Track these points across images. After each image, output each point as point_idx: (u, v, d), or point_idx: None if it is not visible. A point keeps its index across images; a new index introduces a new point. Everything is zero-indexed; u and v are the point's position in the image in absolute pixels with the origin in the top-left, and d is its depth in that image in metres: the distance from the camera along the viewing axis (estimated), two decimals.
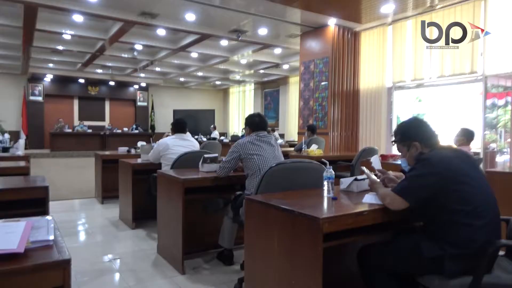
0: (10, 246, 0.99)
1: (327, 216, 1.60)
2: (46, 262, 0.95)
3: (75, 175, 8.74)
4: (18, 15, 7.55)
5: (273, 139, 2.94)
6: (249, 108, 17.17)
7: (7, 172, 3.10)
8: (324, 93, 7.51)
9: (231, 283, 2.71)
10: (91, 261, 3.22)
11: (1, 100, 14.51)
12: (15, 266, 0.91)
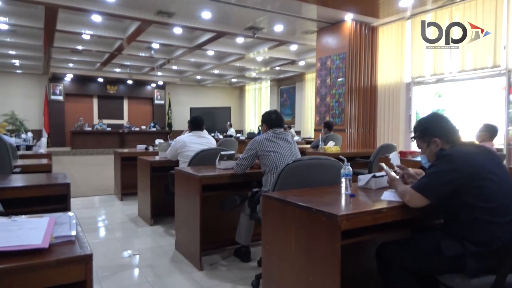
0: (35, 241, 1.01)
1: (345, 213, 1.59)
2: (69, 257, 0.97)
3: (95, 172, 8.91)
4: (39, 17, 7.74)
5: (290, 136, 2.93)
6: (265, 105, 17.16)
7: (30, 170, 3.19)
8: (341, 89, 7.43)
9: (248, 279, 2.72)
10: (111, 256, 3.28)
11: (24, 100, 14.93)
12: (39, 260, 0.94)
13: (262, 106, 17.45)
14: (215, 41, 9.53)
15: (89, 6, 6.94)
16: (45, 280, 0.95)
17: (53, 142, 14.42)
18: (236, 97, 19.67)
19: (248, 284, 2.67)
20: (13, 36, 9.68)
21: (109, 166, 7.39)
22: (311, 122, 12.99)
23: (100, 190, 6.37)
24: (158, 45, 10.39)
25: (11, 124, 13.42)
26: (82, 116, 15.17)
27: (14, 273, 0.91)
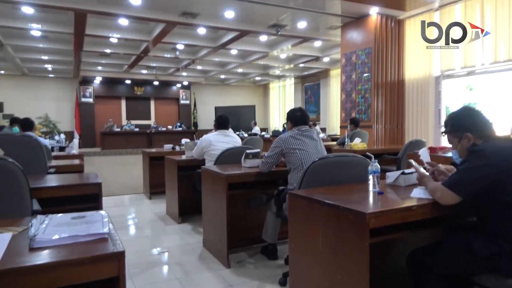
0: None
1: (373, 211, 1.56)
2: (102, 254, 1.01)
3: (124, 172, 9.15)
4: (69, 22, 8.02)
5: (315, 133, 2.90)
6: (290, 103, 17.08)
7: (64, 170, 3.32)
8: (367, 84, 7.29)
9: (275, 277, 2.73)
10: (141, 253, 3.37)
11: (57, 103, 15.52)
12: (75, 257, 0.98)
13: (287, 103, 17.38)
14: (238, 40, 9.56)
15: (116, 10, 7.13)
16: (81, 275, 0.99)
17: (84, 143, 14.92)
18: (260, 95, 19.68)
19: (275, 282, 2.68)
20: (45, 42, 10.09)
21: (138, 166, 7.57)
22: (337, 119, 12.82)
23: (129, 189, 6.54)
24: (182, 46, 10.55)
25: (45, 127, 14.00)
26: (111, 117, 15.61)
27: (52, 269, 0.95)
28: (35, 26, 8.31)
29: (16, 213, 1.57)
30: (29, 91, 15.13)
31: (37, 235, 1.06)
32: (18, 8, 7.33)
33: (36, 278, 0.94)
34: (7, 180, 1.58)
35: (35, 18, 8.11)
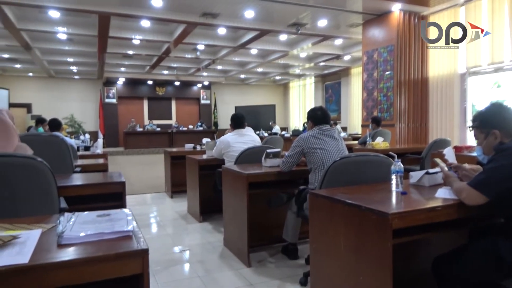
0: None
1: (396, 211, 1.53)
2: (127, 251, 1.03)
3: (147, 171, 9.31)
4: (94, 25, 8.23)
5: (336, 132, 2.88)
6: (310, 102, 16.97)
7: (89, 169, 3.40)
8: (389, 82, 7.16)
9: (296, 277, 2.72)
10: (163, 251, 3.42)
11: (82, 104, 15.96)
12: (101, 254, 1.00)
13: (307, 102, 17.27)
14: (258, 40, 9.58)
15: (138, 12, 7.27)
16: (106, 272, 1.01)
17: (108, 143, 15.28)
18: (280, 94, 19.64)
19: (296, 281, 2.67)
20: (71, 45, 10.39)
21: (160, 165, 7.69)
22: (358, 118, 12.65)
23: (151, 188, 6.66)
24: (203, 46, 10.65)
25: (71, 127, 14.43)
26: (134, 117, 15.93)
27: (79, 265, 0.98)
28: (61, 29, 8.58)
29: (45, 211, 1.62)
30: (55, 92, 15.63)
31: (64, 232, 1.10)
32: (45, 12, 7.58)
33: (64, 273, 0.97)
34: (37, 179, 1.64)
35: (61, 22, 8.37)
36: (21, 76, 15.12)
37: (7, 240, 1.04)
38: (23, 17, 7.99)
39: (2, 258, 0.95)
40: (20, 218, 1.39)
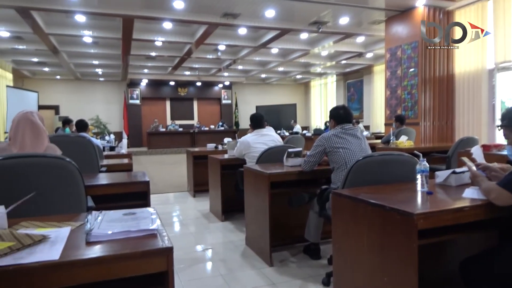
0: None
1: (422, 211, 1.50)
2: (152, 249, 1.05)
3: (169, 170, 9.45)
4: (118, 28, 8.42)
5: (359, 131, 2.84)
6: (332, 100, 16.80)
7: (114, 169, 3.49)
8: (414, 80, 7.01)
9: (318, 277, 2.70)
10: (185, 250, 3.47)
11: (106, 105, 16.37)
12: (127, 251, 1.03)
13: (328, 101, 17.11)
14: (279, 39, 9.56)
15: (161, 14, 7.39)
16: (132, 269, 1.04)
17: (132, 143, 15.59)
18: (301, 93, 19.54)
19: (318, 281, 2.65)
20: (96, 48, 10.68)
21: (182, 165, 7.80)
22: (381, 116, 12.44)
23: (174, 187, 6.75)
24: (224, 47, 10.72)
25: (96, 127, 14.81)
26: (156, 118, 16.21)
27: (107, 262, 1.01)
28: (87, 33, 8.83)
29: (73, 209, 1.68)
30: (81, 94, 16.09)
31: (92, 230, 1.13)
32: (72, 16, 7.82)
33: (93, 269, 1.00)
34: (66, 178, 1.69)
35: (86, 26, 8.61)
36: (50, 79, 15.65)
37: (38, 240, 1.09)
38: (51, 22, 8.27)
39: (35, 255, 0.99)
40: (50, 216, 1.44)
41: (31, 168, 1.65)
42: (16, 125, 1.99)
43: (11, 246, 1.02)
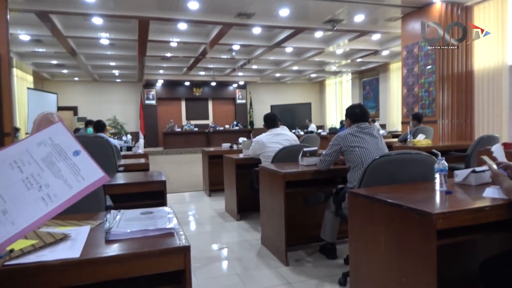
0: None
1: (441, 211, 1.47)
2: (170, 248, 1.07)
3: (185, 170, 9.53)
4: (134, 30, 8.54)
5: (376, 130, 2.81)
6: (347, 99, 16.65)
7: (132, 168, 3.54)
8: (431, 77, 6.88)
9: (334, 276, 2.69)
10: (201, 248, 3.49)
11: (123, 106, 16.62)
12: (146, 249, 1.05)
13: (344, 100, 16.96)
14: (293, 38, 9.53)
15: (176, 15, 7.46)
16: (150, 267, 1.06)
17: (148, 143, 15.80)
18: (316, 92, 19.42)
19: (334, 281, 2.63)
20: (113, 49, 10.85)
21: (198, 164, 7.86)
22: (398, 115, 12.27)
23: (190, 186, 6.81)
24: (238, 46, 10.74)
25: (114, 128, 15.05)
26: (172, 118, 16.38)
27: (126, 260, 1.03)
28: (103, 35, 8.98)
29: (93, 208, 1.71)
30: (99, 95, 16.38)
31: (112, 229, 1.15)
32: (89, 19, 7.97)
33: (112, 267, 1.02)
34: None
35: (103, 28, 8.76)
36: (68, 81, 15.99)
37: (59, 238, 1.11)
38: (69, 25, 8.44)
39: (57, 253, 1.01)
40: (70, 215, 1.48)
41: None
42: (37, 126, 2.05)
43: (34, 244, 1.05)
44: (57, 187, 0.91)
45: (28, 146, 0.96)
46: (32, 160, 0.94)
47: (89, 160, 0.97)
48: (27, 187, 0.90)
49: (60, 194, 0.90)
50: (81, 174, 0.95)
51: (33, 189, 0.90)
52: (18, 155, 0.93)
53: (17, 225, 0.85)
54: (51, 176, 0.92)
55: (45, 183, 0.91)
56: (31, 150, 0.95)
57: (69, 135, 0.99)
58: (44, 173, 0.92)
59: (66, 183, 0.92)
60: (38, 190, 0.90)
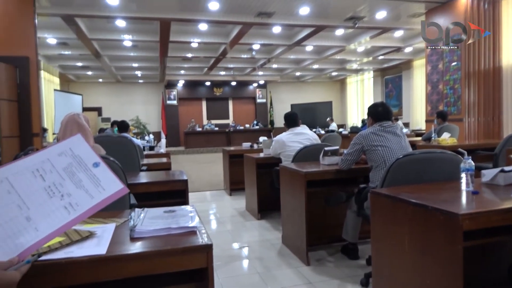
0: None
1: (467, 212, 1.43)
2: (193, 246, 1.08)
3: (206, 169, 9.62)
4: (155, 31, 8.68)
5: (399, 128, 2.75)
6: (369, 97, 16.39)
7: (154, 168, 3.61)
8: (456, 74, 6.70)
9: (356, 277, 2.66)
10: (222, 247, 3.52)
11: (145, 106, 16.92)
12: (169, 247, 1.07)
13: (365, 98, 16.71)
14: (314, 36, 9.45)
15: (196, 16, 7.54)
16: (174, 265, 1.07)
17: (170, 143, 16.01)
18: (337, 90, 19.22)
19: (356, 282, 2.60)
20: (135, 51, 11.07)
21: (218, 163, 7.91)
22: (421, 113, 11.99)
23: (211, 185, 6.87)
24: (258, 46, 10.75)
25: (137, 128, 15.35)
26: (193, 117, 16.56)
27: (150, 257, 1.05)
28: (126, 37, 9.17)
29: (118, 206, 1.75)
30: (122, 96, 16.73)
31: (136, 226, 1.18)
32: (113, 22, 8.15)
33: (137, 264, 1.04)
34: None
35: (126, 30, 8.94)
36: (93, 82, 16.41)
37: (85, 236, 1.14)
38: (93, 27, 8.66)
39: (84, 249, 1.05)
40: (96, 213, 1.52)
41: None
42: (65, 127, 2.11)
43: (61, 241, 1.08)
44: (78, 197, 0.94)
45: (49, 155, 0.98)
46: (54, 169, 0.96)
47: (108, 172, 0.99)
48: (49, 195, 0.93)
49: (82, 203, 0.93)
50: (102, 185, 0.97)
51: (55, 197, 0.93)
52: (40, 164, 0.96)
53: (40, 231, 0.88)
54: (72, 186, 0.95)
55: (67, 192, 0.94)
56: (53, 159, 0.98)
57: (88, 147, 1.01)
58: (65, 182, 0.95)
59: (87, 193, 0.95)
60: (60, 198, 0.93)
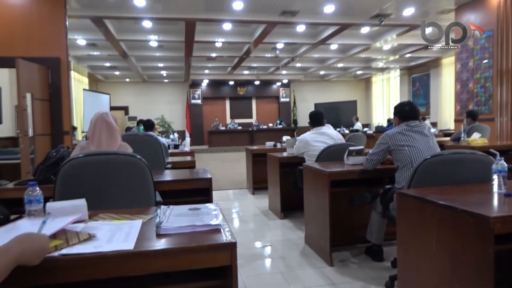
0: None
1: (500, 215, 1.38)
2: (217, 243, 1.09)
3: (229, 168, 9.68)
4: (181, 31, 8.80)
5: (426, 128, 2.68)
6: (395, 96, 16.04)
7: (179, 166, 3.66)
8: (488, 72, 6.46)
9: (381, 279, 2.61)
10: (245, 246, 3.53)
11: (170, 105, 17.20)
12: (194, 244, 1.08)
13: (391, 97, 16.36)
14: (338, 34, 9.33)
15: (221, 15, 7.60)
16: (198, 261, 1.09)
17: (194, 141, 16.23)
18: (362, 89, 18.92)
19: (381, 284, 2.56)
20: (161, 51, 11.26)
21: (241, 162, 7.94)
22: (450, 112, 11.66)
23: (234, 184, 6.91)
24: (282, 45, 10.71)
25: (162, 127, 15.62)
26: (217, 116, 16.70)
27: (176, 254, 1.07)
28: (152, 37, 9.35)
29: (144, 203, 1.80)
30: (148, 95, 17.07)
31: (162, 223, 1.20)
32: (139, 23, 8.34)
33: (162, 260, 1.06)
34: (137, 174, 1.81)
35: (152, 30, 9.12)
36: (120, 82, 16.82)
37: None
38: (121, 29, 8.88)
39: (112, 244, 1.08)
40: (124, 209, 1.56)
41: (107, 165, 1.79)
42: (94, 126, 2.18)
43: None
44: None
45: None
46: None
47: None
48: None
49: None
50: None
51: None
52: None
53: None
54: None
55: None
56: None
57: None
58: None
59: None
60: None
